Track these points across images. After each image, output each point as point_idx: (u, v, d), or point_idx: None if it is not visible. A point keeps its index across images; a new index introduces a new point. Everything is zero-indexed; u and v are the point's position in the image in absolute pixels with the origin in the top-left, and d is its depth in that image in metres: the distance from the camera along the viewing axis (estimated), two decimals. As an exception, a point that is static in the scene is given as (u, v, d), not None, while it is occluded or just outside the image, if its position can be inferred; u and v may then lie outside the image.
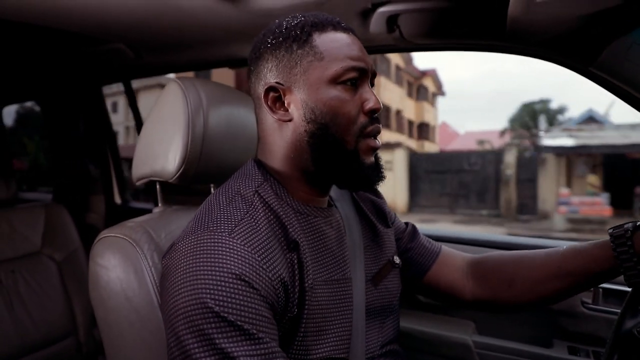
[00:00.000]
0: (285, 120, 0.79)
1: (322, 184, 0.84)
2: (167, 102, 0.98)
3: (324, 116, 0.76)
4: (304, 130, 0.78)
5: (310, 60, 0.77)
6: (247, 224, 0.71)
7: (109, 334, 0.88)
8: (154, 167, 0.98)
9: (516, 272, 0.96)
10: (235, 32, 1.39)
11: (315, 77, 0.77)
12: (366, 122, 0.79)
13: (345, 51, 0.77)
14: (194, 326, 0.63)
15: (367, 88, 0.81)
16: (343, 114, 0.77)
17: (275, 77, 0.79)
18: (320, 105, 0.76)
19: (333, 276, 0.80)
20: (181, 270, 0.67)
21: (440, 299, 1.08)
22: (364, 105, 0.79)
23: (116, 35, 1.51)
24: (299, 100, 0.78)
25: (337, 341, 0.78)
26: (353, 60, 0.77)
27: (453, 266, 1.04)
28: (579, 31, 0.95)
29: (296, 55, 0.77)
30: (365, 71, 0.79)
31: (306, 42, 0.77)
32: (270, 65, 0.79)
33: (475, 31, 1.17)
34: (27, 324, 1.70)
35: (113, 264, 0.87)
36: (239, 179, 0.82)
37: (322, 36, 0.78)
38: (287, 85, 0.78)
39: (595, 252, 0.86)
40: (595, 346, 1.32)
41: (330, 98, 0.76)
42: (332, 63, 0.76)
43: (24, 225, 1.84)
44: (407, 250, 1.05)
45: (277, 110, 0.79)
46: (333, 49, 0.77)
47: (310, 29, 0.78)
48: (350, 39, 0.80)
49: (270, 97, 0.79)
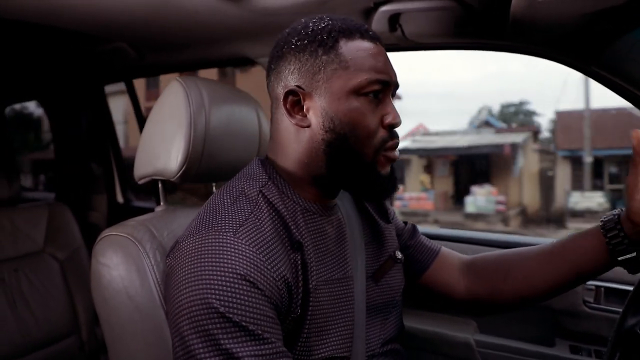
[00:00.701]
0: (302, 126, 0.77)
1: (331, 190, 0.83)
2: (169, 101, 0.98)
3: (343, 127, 0.75)
4: (321, 138, 0.76)
5: (335, 68, 0.75)
6: (252, 224, 0.71)
7: (111, 332, 0.88)
8: (156, 165, 0.98)
9: (511, 264, 0.96)
10: (238, 31, 1.39)
11: (338, 86, 0.75)
12: (386, 137, 0.77)
13: (371, 62, 0.75)
14: (198, 326, 0.63)
15: (388, 101, 0.79)
16: (363, 127, 0.75)
17: (297, 80, 0.77)
18: (341, 116, 0.74)
19: (334, 275, 0.80)
20: (186, 270, 0.67)
21: (437, 298, 1.07)
22: (383, 119, 0.77)
23: (118, 35, 1.51)
24: (318, 108, 0.76)
25: (340, 340, 0.78)
26: (378, 72, 0.75)
27: (451, 266, 1.04)
28: (582, 30, 0.95)
29: (320, 61, 0.75)
30: (388, 84, 0.78)
31: (332, 49, 0.75)
32: (293, 67, 0.77)
33: (478, 30, 1.17)
34: (29, 322, 1.70)
35: (115, 263, 0.87)
36: (243, 179, 0.81)
37: (349, 44, 0.75)
38: (308, 90, 0.76)
39: (587, 237, 0.86)
40: (597, 345, 1.32)
41: (351, 109, 0.74)
42: (357, 74, 0.74)
43: (26, 224, 1.84)
44: (407, 248, 1.05)
45: (295, 114, 0.77)
46: (359, 58, 0.75)
47: (338, 34, 0.76)
48: (377, 50, 0.78)
49: (290, 101, 0.77)
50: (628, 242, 0.80)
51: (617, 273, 1.29)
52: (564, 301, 1.35)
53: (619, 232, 0.80)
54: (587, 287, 1.33)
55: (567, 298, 1.35)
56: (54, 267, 1.85)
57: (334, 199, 0.86)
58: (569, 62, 1.09)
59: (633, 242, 0.79)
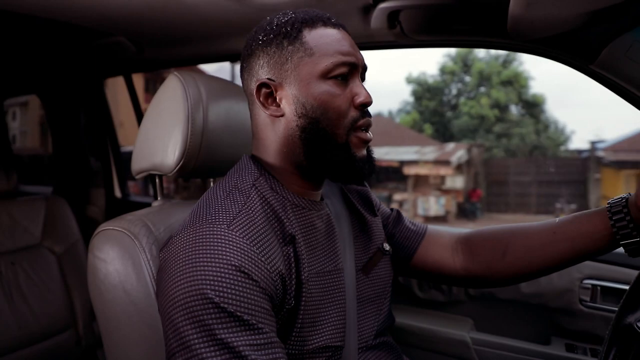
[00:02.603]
0: (277, 116, 0.80)
1: (315, 178, 0.85)
2: (166, 96, 0.98)
3: (315, 110, 0.77)
4: (295, 125, 0.79)
5: (301, 56, 0.78)
6: (245, 216, 0.72)
7: (107, 326, 0.88)
8: (153, 160, 0.98)
9: (510, 240, 0.95)
10: (237, 26, 1.39)
11: (305, 73, 0.78)
12: (357, 116, 0.80)
13: (335, 46, 0.78)
14: (193, 317, 0.63)
15: (357, 82, 0.82)
16: (334, 108, 0.78)
17: (267, 73, 0.80)
18: (311, 100, 0.77)
19: (325, 268, 0.82)
20: (180, 262, 0.67)
21: (431, 278, 1.08)
22: (354, 99, 0.80)
23: (117, 29, 1.51)
24: (290, 96, 0.79)
25: (333, 330, 0.79)
26: (343, 55, 0.78)
27: (441, 244, 1.04)
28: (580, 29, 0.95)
29: (287, 51, 0.78)
30: (355, 66, 0.80)
31: (296, 38, 0.78)
32: (262, 61, 0.80)
33: (476, 28, 1.17)
34: (26, 316, 1.71)
35: (112, 257, 0.87)
36: (236, 174, 0.83)
37: (312, 32, 0.79)
38: (278, 81, 0.79)
39: (592, 217, 0.86)
40: (593, 344, 1.33)
41: (321, 93, 0.77)
42: (323, 58, 0.77)
43: (24, 217, 1.84)
44: (393, 236, 1.06)
45: (269, 105, 0.81)
46: (323, 44, 0.78)
47: (301, 25, 0.79)
48: (341, 35, 0.80)
49: (262, 93, 0.80)
50: (633, 226, 0.80)
51: (614, 272, 1.31)
52: (560, 300, 1.36)
53: (625, 216, 0.81)
54: (583, 286, 1.33)
55: (563, 297, 1.35)
56: (51, 261, 1.86)
57: (319, 187, 0.88)
58: (567, 60, 1.09)
59: (638, 227, 0.80)
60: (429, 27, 1.22)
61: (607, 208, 0.84)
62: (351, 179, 0.84)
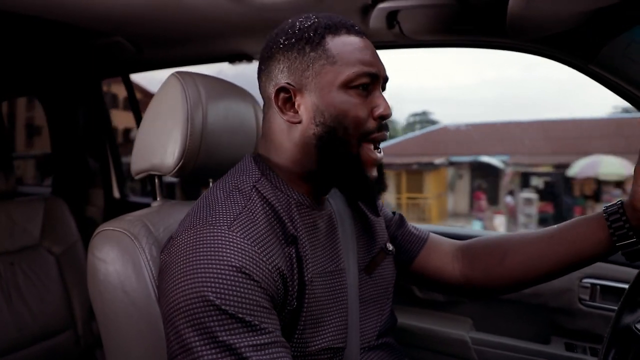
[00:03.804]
0: (294, 122, 0.79)
1: (323, 186, 0.84)
2: (165, 97, 0.97)
3: (334, 120, 0.76)
4: (312, 133, 0.77)
5: (323, 63, 0.76)
6: (246, 217, 0.72)
7: (107, 327, 0.88)
8: (152, 161, 0.98)
9: (508, 247, 0.95)
10: (236, 26, 1.38)
11: (326, 81, 0.76)
12: (373, 128, 0.78)
13: (358, 56, 0.77)
14: (194, 320, 0.63)
15: (378, 93, 0.80)
16: (352, 118, 0.76)
17: (287, 78, 0.78)
18: (331, 109, 0.76)
19: (328, 268, 0.81)
20: (180, 264, 0.67)
21: (430, 285, 1.08)
22: (374, 111, 0.78)
23: (116, 29, 1.51)
24: (309, 103, 0.77)
25: (335, 331, 0.78)
26: (365, 65, 0.76)
27: (441, 251, 1.04)
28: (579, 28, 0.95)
29: (308, 57, 0.77)
30: (377, 77, 0.79)
31: (319, 45, 0.76)
32: (282, 66, 0.79)
33: (475, 28, 1.17)
34: (25, 316, 1.70)
35: (111, 257, 0.87)
36: (237, 175, 0.82)
37: (335, 39, 0.77)
38: (298, 87, 0.78)
39: (590, 222, 0.86)
40: (592, 343, 1.33)
41: (341, 102, 0.76)
42: (345, 67, 0.76)
43: (23, 217, 1.83)
44: (395, 238, 1.06)
45: (287, 111, 0.79)
46: (346, 52, 0.76)
47: (324, 31, 0.77)
48: (364, 43, 0.79)
49: (281, 98, 0.79)
50: (632, 233, 0.80)
51: (613, 271, 1.31)
52: (559, 299, 1.36)
53: (625, 223, 0.80)
54: (582, 285, 1.33)
55: (563, 296, 1.35)
56: (50, 261, 1.85)
57: (325, 195, 0.87)
58: (566, 60, 1.09)
59: (636, 230, 0.80)
60: (428, 27, 1.22)
61: (603, 212, 0.84)
62: (359, 196, 0.84)
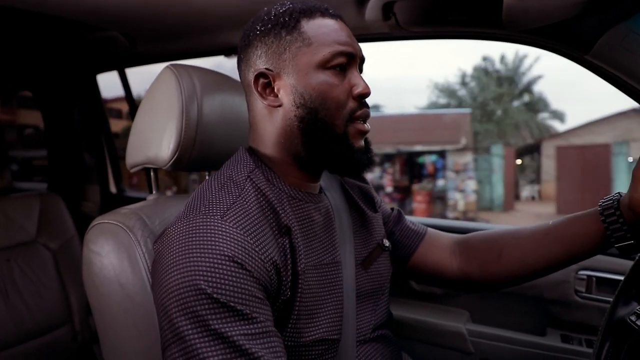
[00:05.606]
0: (275, 106, 0.80)
1: (313, 169, 0.85)
2: (160, 89, 0.97)
3: (313, 101, 0.77)
4: (293, 115, 0.78)
5: (299, 46, 0.77)
6: (239, 208, 0.72)
7: (103, 320, 0.88)
8: (147, 154, 0.98)
9: (505, 243, 0.96)
10: (231, 19, 1.38)
11: (304, 63, 0.77)
12: (355, 107, 0.80)
13: (333, 36, 0.78)
14: (186, 308, 0.63)
15: (355, 73, 0.81)
16: (332, 99, 0.77)
17: (265, 63, 0.80)
18: (310, 90, 0.77)
19: (323, 260, 0.81)
20: (173, 254, 0.67)
21: (429, 280, 1.08)
22: (352, 90, 0.79)
23: (110, 23, 1.50)
24: (288, 86, 0.78)
25: (329, 323, 0.79)
26: (341, 45, 0.78)
27: (439, 246, 1.05)
28: (575, 19, 0.95)
29: (285, 41, 0.78)
30: (353, 56, 0.80)
31: (294, 29, 0.78)
32: (260, 52, 0.80)
33: (471, 19, 1.16)
34: (22, 312, 1.70)
35: (106, 251, 0.87)
36: (231, 166, 0.82)
37: (310, 22, 0.78)
38: (276, 71, 0.79)
39: (585, 219, 0.86)
40: (588, 334, 1.34)
41: (319, 83, 0.77)
42: (321, 48, 0.77)
43: (19, 214, 1.83)
44: (393, 234, 1.06)
45: (267, 96, 0.80)
46: (321, 34, 0.78)
47: (299, 15, 0.79)
48: (339, 25, 0.80)
49: (260, 83, 0.80)
50: (627, 228, 0.80)
51: (609, 263, 1.31)
52: (555, 291, 1.36)
53: (618, 218, 0.81)
54: (578, 277, 1.34)
55: (558, 288, 1.36)
56: (46, 257, 1.85)
57: (317, 179, 0.87)
58: (562, 51, 1.09)
59: (631, 228, 0.80)
60: (423, 19, 1.21)
61: (598, 210, 0.84)
62: (349, 171, 0.84)
